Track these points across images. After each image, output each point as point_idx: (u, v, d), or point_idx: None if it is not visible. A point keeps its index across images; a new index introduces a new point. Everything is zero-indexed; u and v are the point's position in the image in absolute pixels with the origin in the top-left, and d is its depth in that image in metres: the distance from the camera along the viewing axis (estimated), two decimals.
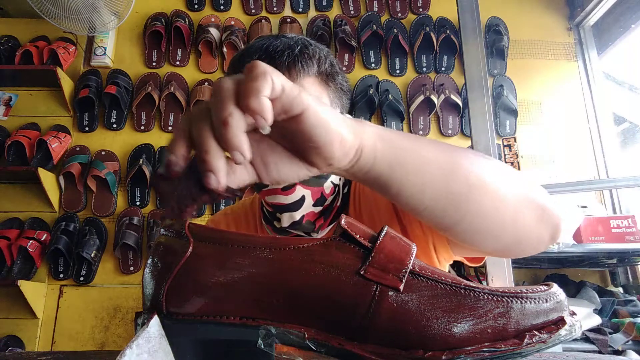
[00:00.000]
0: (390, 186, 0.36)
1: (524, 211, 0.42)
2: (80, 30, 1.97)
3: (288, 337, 0.28)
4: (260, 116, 0.27)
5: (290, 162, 0.33)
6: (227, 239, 0.30)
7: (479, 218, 0.40)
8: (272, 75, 0.28)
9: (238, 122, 0.27)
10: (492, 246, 0.44)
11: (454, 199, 0.38)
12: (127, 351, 0.25)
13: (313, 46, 0.62)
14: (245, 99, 0.27)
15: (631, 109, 2.24)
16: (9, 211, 1.97)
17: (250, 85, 0.27)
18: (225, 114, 0.27)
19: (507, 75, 2.20)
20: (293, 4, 2.28)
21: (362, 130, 0.33)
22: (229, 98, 0.27)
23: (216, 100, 0.28)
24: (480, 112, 1.16)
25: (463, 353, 0.26)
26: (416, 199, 0.37)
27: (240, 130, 0.27)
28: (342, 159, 0.32)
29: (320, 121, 0.30)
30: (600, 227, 1.55)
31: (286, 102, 0.28)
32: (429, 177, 0.37)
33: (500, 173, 0.41)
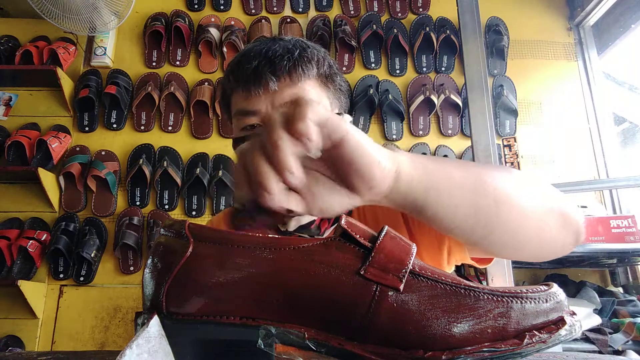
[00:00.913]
0: (426, 209, 0.38)
1: (548, 220, 0.44)
2: (81, 30, 1.97)
3: (288, 337, 0.28)
4: (308, 138, 0.30)
5: (334, 191, 0.34)
6: (227, 239, 0.30)
7: (506, 232, 0.42)
8: (315, 104, 0.31)
9: (287, 144, 0.30)
10: (519, 255, 0.47)
11: (482, 215, 0.40)
12: (127, 351, 0.25)
13: (311, 48, 0.62)
14: (293, 123, 0.30)
15: (631, 109, 2.24)
16: (9, 211, 1.97)
17: (297, 111, 0.30)
18: (275, 138, 0.29)
19: (507, 75, 2.20)
20: (293, 4, 2.28)
21: (396, 156, 0.35)
22: (279, 125, 0.30)
23: (267, 129, 0.30)
24: (480, 112, 1.16)
25: (463, 353, 0.26)
26: (449, 219, 0.39)
27: (290, 152, 0.30)
28: (381, 182, 0.34)
29: (360, 145, 0.32)
30: (600, 227, 1.55)
31: (330, 128, 0.31)
32: (460, 198, 0.38)
33: (522, 185, 0.43)
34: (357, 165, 0.32)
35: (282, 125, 0.30)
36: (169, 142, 2.07)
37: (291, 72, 0.58)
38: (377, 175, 0.33)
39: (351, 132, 0.32)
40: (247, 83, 0.59)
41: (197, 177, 1.93)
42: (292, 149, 0.30)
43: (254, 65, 0.58)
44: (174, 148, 2.05)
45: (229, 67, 0.64)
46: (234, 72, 0.61)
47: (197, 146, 2.07)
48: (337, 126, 0.31)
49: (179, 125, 2.09)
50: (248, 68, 0.58)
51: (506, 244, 0.43)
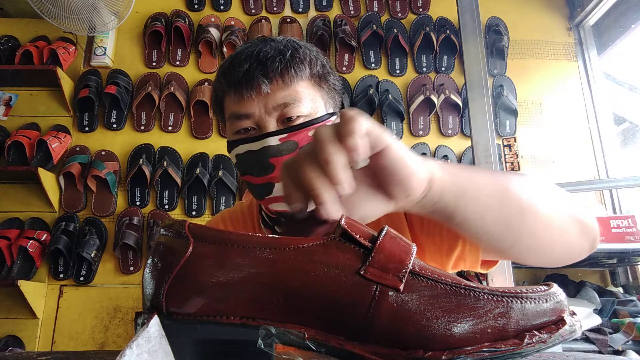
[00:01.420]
0: (455, 215, 0.39)
1: (569, 227, 0.46)
2: (80, 30, 1.97)
3: (288, 337, 0.28)
4: (356, 152, 0.31)
5: (373, 198, 0.36)
6: (227, 239, 0.30)
7: (532, 238, 0.44)
8: (360, 118, 0.32)
9: (339, 159, 0.31)
10: (542, 261, 0.49)
11: (510, 223, 0.42)
12: (127, 351, 0.25)
13: (303, 48, 0.61)
14: (343, 139, 0.31)
15: (631, 109, 2.24)
16: (9, 211, 1.97)
17: (347, 128, 0.31)
18: (327, 154, 0.31)
19: (507, 75, 2.20)
20: (293, 4, 2.28)
21: (429, 165, 0.37)
22: (329, 140, 0.32)
23: (318, 144, 0.32)
24: (480, 112, 1.16)
25: (463, 353, 0.26)
26: (478, 225, 0.41)
27: (342, 166, 0.31)
28: (417, 191, 0.36)
29: (400, 156, 0.34)
30: (600, 227, 1.55)
31: (373, 139, 0.33)
32: (487, 205, 0.40)
33: (545, 194, 0.45)
34: (397, 176, 0.34)
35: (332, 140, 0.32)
36: (169, 142, 2.07)
37: (283, 73, 0.58)
38: (414, 185, 0.35)
39: (392, 143, 0.33)
40: (239, 86, 0.58)
41: (197, 177, 1.93)
42: (343, 163, 0.31)
43: (246, 68, 0.57)
44: (174, 148, 2.05)
45: (221, 69, 0.63)
46: (225, 75, 0.60)
47: (197, 146, 2.07)
48: (380, 137, 0.33)
49: (179, 125, 2.09)
50: (240, 71, 0.58)
51: (532, 250, 0.45)
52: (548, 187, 0.46)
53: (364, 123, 0.32)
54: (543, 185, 0.46)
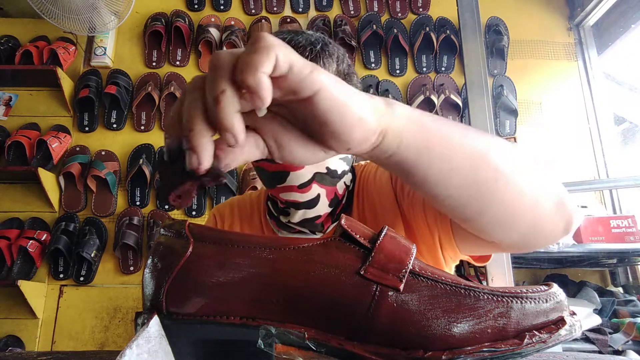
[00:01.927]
0: (415, 172, 0.34)
1: (543, 200, 0.41)
2: (80, 30, 1.97)
3: (288, 337, 0.28)
4: (256, 95, 0.24)
5: (306, 143, 0.30)
6: (227, 239, 0.30)
7: (502, 208, 0.38)
8: (277, 50, 0.25)
9: (231, 99, 0.25)
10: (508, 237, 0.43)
11: (480, 187, 0.36)
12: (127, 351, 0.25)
13: (332, 45, 0.62)
14: (240, 73, 0.24)
15: (631, 109, 2.24)
16: (9, 211, 1.97)
17: (249, 58, 0.24)
18: (218, 91, 0.25)
19: (507, 75, 2.20)
20: (293, 4, 2.28)
21: (388, 112, 0.31)
22: (224, 73, 0.25)
23: (210, 73, 0.26)
24: (480, 112, 1.16)
25: (463, 353, 0.26)
26: (441, 186, 0.35)
27: (234, 109, 0.25)
28: (362, 143, 0.30)
29: (335, 104, 0.27)
30: (600, 227, 1.55)
31: (294, 81, 0.26)
32: (458, 164, 0.34)
33: (522, 161, 0.40)
34: (331, 127, 0.28)
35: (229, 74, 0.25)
36: None
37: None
38: (356, 137, 0.29)
39: (326, 87, 0.26)
40: None
41: None
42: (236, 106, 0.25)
43: None
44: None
45: None
46: None
47: None
48: (305, 79, 0.26)
49: None
50: None
51: (499, 222, 0.40)
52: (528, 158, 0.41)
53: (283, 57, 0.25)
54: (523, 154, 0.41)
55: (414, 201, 0.60)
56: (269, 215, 0.69)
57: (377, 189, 0.66)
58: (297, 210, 0.62)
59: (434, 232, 0.58)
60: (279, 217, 0.66)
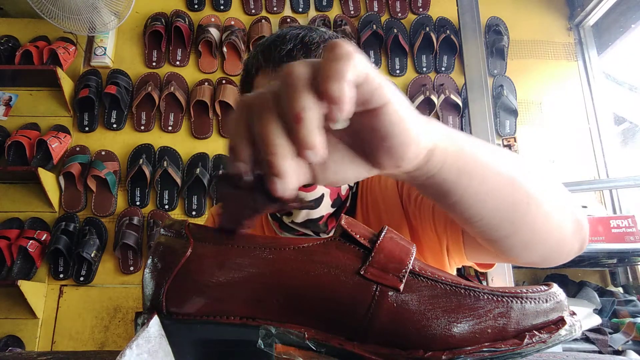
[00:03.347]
0: (452, 194, 0.33)
1: (566, 224, 0.41)
2: (80, 30, 1.97)
3: (288, 337, 0.28)
4: (340, 106, 0.22)
5: (352, 161, 0.28)
6: (227, 239, 0.30)
7: (530, 230, 0.38)
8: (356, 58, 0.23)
9: (314, 116, 0.22)
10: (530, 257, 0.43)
11: (512, 210, 0.36)
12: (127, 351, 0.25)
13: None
14: (325, 82, 0.22)
15: (631, 109, 2.24)
16: (9, 211, 1.97)
17: (334, 66, 0.22)
18: (298, 107, 0.22)
19: (507, 75, 2.20)
20: (293, 4, 2.28)
21: (434, 131, 0.30)
22: (304, 86, 0.23)
23: (287, 89, 0.23)
24: (480, 112, 1.16)
25: (463, 353, 0.26)
26: (475, 208, 0.34)
27: (317, 126, 0.23)
28: (412, 160, 0.28)
29: (399, 119, 0.26)
30: (600, 227, 1.55)
31: (367, 92, 0.24)
32: (493, 187, 0.34)
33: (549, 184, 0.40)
34: (390, 143, 0.26)
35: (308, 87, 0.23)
36: (169, 142, 2.07)
37: None
38: (409, 156, 0.27)
39: (393, 100, 0.25)
40: (278, 64, 0.57)
41: (197, 177, 1.93)
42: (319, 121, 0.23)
43: (289, 48, 0.57)
44: (174, 148, 2.05)
45: (259, 46, 0.62)
46: (265, 53, 0.59)
47: (197, 146, 2.07)
48: (378, 89, 0.24)
49: (179, 125, 2.09)
50: (282, 49, 0.57)
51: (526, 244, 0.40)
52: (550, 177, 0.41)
53: (360, 65, 0.23)
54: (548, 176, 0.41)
55: (422, 208, 0.59)
56: (272, 216, 0.69)
57: (382, 193, 0.66)
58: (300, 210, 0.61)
59: (442, 240, 0.58)
60: (281, 219, 0.65)
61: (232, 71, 2.16)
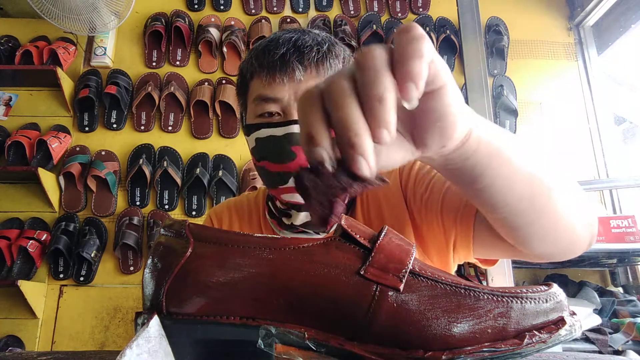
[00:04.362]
0: (482, 177, 0.34)
1: (580, 218, 0.43)
2: (81, 30, 1.97)
3: (288, 337, 0.28)
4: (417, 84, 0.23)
5: (401, 145, 0.30)
6: (227, 239, 0.30)
7: (550, 221, 0.40)
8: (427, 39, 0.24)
9: (393, 96, 0.24)
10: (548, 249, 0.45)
11: (535, 198, 0.38)
12: (127, 351, 0.25)
13: (339, 45, 0.62)
14: (407, 61, 0.23)
15: (631, 109, 2.24)
16: (9, 211, 1.97)
17: (413, 46, 0.24)
18: (382, 88, 0.23)
19: (507, 75, 2.20)
20: (293, 4, 2.28)
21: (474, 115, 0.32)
22: (384, 68, 0.24)
23: (368, 71, 0.24)
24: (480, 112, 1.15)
25: (463, 353, 0.26)
26: (502, 194, 0.36)
27: (394, 107, 0.24)
28: (456, 141, 0.30)
29: (454, 100, 0.27)
30: (600, 227, 1.55)
31: (432, 72, 0.25)
32: (521, 175, 0.36)
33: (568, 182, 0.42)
34: (444, 123, 0.28)
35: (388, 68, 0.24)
36: (169, 142, 2.07)
37: (318, 64, 0.58)
38: (456, 136, 0.29)
39: (451, 82, 0.27)
40: (272, 69, 0.58)
41: (197, 177, 1.93)
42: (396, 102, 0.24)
43: (282, 52, 0.57)
44: (174, 148, 2.05)
45: (254, 51, 0.62)
46: (259, 57, 0.60)
47: (197, 146, 2.07)
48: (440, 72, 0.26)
49: (179, 125, 2.09)
50: (276, 53, 0.57)
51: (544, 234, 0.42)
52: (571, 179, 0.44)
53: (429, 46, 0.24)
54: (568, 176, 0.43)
55: (429, 205, 0.59)
56: (270, 215, 0.69)
57: (384, 192, 0.66)
58: (298, 212, 0.61)
59: (450, 234, 0.58)
60: (281, 218, 0.65)
61: (232, 71, 2.15)
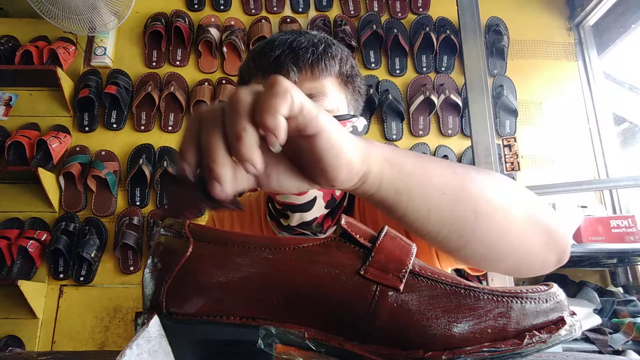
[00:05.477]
0: (394, 210, 0.36)
1: (530, 236, 0.41)
2: (80, 30, 1.97)
3: (288, 337, 0.28)
4: (274, 134, 0.26)
5: (293, 174, 0.33)
6: (227, 239, 0.30)
7: (483, 244, 0.39)
8: (292, 93, 0.27)
9: (251, 136, 0.27)
10: (496, 269, 0.45)
11: (459, 225, 0.37)
12: (127, 351, 0.25)
13: (336, 46, 0.62)
14: (261, 114, 0.26)
15: (631, 109, 2.24)
16: (9, 211, 1.97)
17: (269, 102, 0.27)
18: (239, 128, 0.27)
19: (507, 75, 2.20)
20: (293, 4, 2.28)
21: (369, 154, 0.33)
22: (245, 111, 0.27)
23: (231, 111, 0.27)
24: (480, 112, 1.16)
25: (463, 353, 0.26)
26: (419, 223, 0.37)
27: (254, 145, 0.27)
28: (345, 182, 0.32)
29: (332, 145, 0.30)
30: (600, 227, 1.55)
31: (302, 122, 0.28)
32: (435, 204, 0.36)
33: (509, 196, 0.41)
34: (323, 165, 0.30)
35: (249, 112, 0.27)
36: (169, 142, 2.07)
37: (314, 66, 0.58)
38: (341, 177, 0.31)
39: (326, 128, 0.29)
40: (267, 71, 0.58)
41: None
42: (257, 142, 0.27)
43: (277, 54, 0.58)
44: (174, 148, 2.05)
45: (251, 53, 0.63)
46: (255, 59, 0.60)
47: None
48: (312, 120, 0.28)
49: (179, 125, 2.09)
50: (271, 56, 0.58)
51: (482, 257, 0.41)
52: (513, 189, 0.42)
53: (296, 100, 0.27)
54: (508, 186, 0.41)
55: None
56: (270, 216, 0.69)
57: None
58: (293, 213, 0.62)
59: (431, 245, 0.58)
60: (279, 220, 0.66)
61: (232, 71, 2.15)
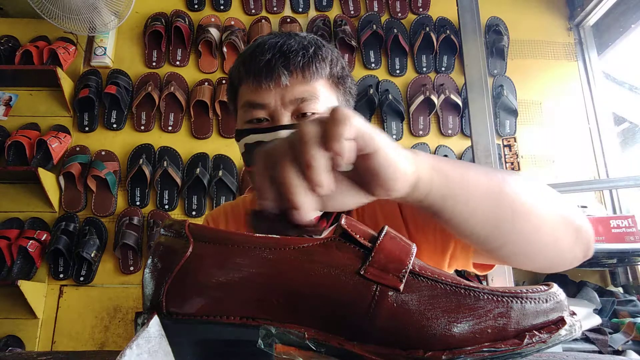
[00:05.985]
0: (442, 214, 0.39)
1: (562, 234, 0.45)
2: (81, 30, 1.97)
3: (288, 337, 0.28)
4: (341, 157, 0.30)
5: (353, 191, 0.36)
6: (227, 239, 0.30)
7: (521, 242, 0.43)
8: (351, 119, 0.30)
9: (322, 163, 0.30)
10: (531, 265, 0.48)
11: (498, 225, 0.41)
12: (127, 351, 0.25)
13: (326, 47, 0.62)
14: (329, 141, 0.30)
15: (631, 109, 2.24)
16: (9, 211, 1.97)
17: (334, 129, 0.30)
18: (310, 157, 0.29)
19: (507, 75, 2.20)
20: (293, 4, 2.28)
21: (418, 164, 0.36)
22: (313, 141, 0.30)
23: (300, 143, 0.30)
24: (480, 112, 1.16)
25: (463, 353, 0.26)
26: (464, 225, 0.40)
27: (324, 170, 0.30)
28: (400, 191, 0.35)
29: (388, 161, 0.33)
30: (600, 227, 1.55)
31: (362, 142, 0.31)
32: (477, 206, 0.40)
33: (541, 197, 0.44)
34: (381, 178, 0.33)
35: (316, 141, 0.30)
36: (169, 142, 2.07)
37: (304, 68, 0.58)
38: (397, 187, 0.34)
39: (383, 147, 0.32)
40: (258, 75, 0.58)
41: (197, 177, 1.93)
42: (326, 166, 0.30)
43: (268, 58, 0.57)
44: (174, 148, 2.05)
45: (241, 57, 0.62)
46: (245, 63, 0.60)
47: (197, 146, 2.07)
48: (370, 140, 0.31)
49: (179, 125, 2.09)
50: (261, 60, 0.58)
51: (519, 254, 0.45)
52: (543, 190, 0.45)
53: (355, 124, 0.31)
54: (538, 187, 0.45)
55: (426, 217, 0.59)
56: None
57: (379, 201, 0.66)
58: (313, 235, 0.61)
59: (447, 245, 0.58)
60: None
61: None
